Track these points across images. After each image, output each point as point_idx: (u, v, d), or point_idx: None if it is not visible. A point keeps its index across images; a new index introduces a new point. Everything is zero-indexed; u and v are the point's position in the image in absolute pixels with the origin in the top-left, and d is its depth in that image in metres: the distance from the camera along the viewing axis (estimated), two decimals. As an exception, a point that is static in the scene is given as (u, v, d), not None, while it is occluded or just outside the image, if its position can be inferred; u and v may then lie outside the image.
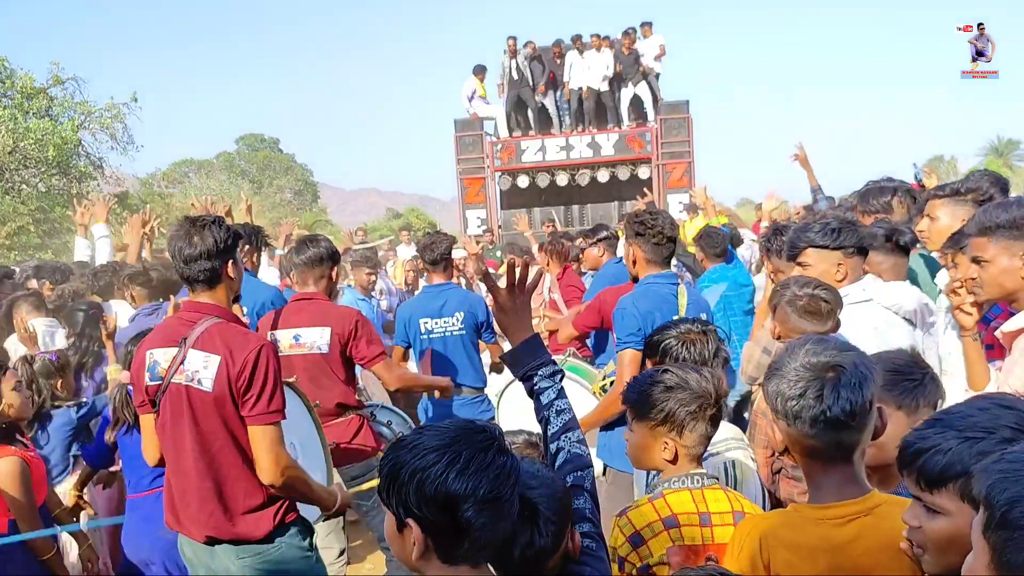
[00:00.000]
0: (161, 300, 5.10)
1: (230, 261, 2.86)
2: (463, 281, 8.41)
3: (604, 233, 6.63)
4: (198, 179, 44.17)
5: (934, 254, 3.88)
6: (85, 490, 4.06)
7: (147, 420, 2.94)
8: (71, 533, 3.77)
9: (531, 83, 16.35)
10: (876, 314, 3.21)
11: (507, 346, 5.44)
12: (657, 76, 16.36)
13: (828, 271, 3.23)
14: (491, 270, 8.31)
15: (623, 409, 2.45)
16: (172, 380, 2.76)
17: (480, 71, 16.85)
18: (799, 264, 3.35)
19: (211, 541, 2.79)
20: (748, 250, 8.01)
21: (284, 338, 4.01)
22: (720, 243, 6.02)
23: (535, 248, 8.92)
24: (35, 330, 4.73)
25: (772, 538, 1.80)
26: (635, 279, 3.82)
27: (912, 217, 4.26)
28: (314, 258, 4.11)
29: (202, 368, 2.71)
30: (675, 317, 3.53)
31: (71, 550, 3.83)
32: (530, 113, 16.66)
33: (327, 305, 4.16)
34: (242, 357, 2.69)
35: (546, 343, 4.78)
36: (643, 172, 16.05)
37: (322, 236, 4.35)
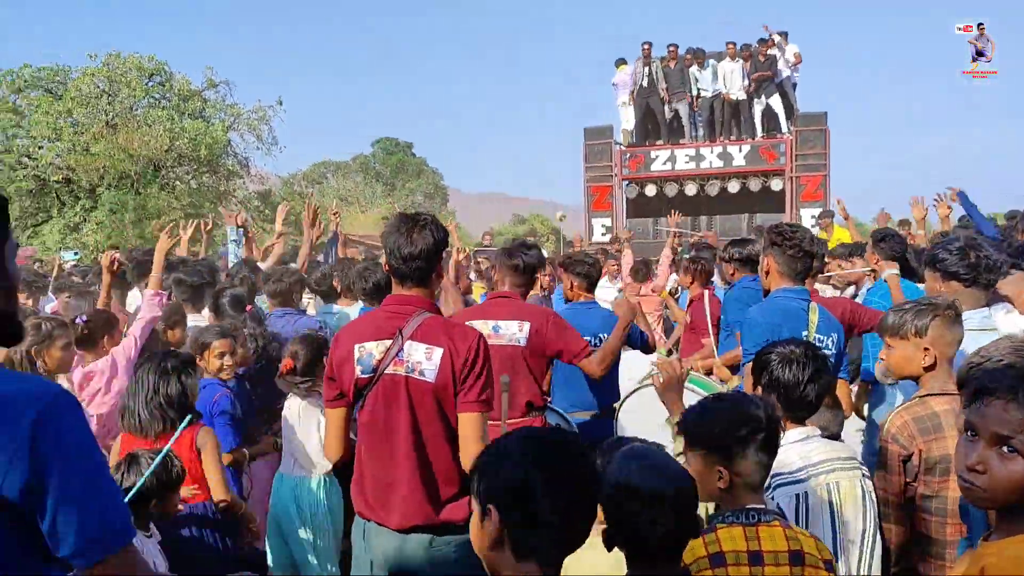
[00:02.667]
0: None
1: (440, 260, 2.94)
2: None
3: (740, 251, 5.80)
4: (335, 180, 45.89)
5: None
6: None
7: (336, 414, 2.98)
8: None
9: (662, 91, 16.24)
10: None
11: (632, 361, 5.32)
12: (794, 86, 15.97)
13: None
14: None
15: None
16: (386, 371, 2.82)
17: (621, 62, 16.74)
18: None
19: (408, 529, 2.80)
20: None
21: (482, 329, 3.95)
22: (897, 247, 5.51)
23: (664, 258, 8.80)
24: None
25: None
26: (767, 292, 3.71)
27: None
28: (520, 268, 4.26)
29: (424, 359, 2.78)
30: (804, 333, 3.44)
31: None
32: (660, 122, 16.56)
33: (524, 303, 4.28)
34: (465, 347, 2.78)
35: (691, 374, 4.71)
36: (775, 184, 15.70)
37: (532, 243, 4.41)
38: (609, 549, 1.97)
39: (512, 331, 4.05)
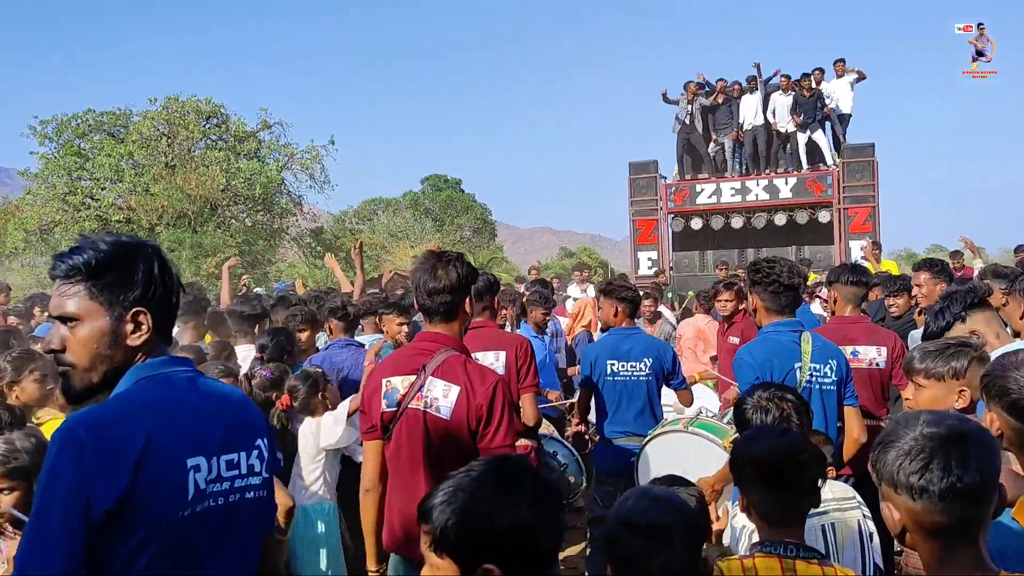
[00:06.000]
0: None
1: (467, 297, 3.00)
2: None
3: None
4: (386, 216, 46.50)
5: None
6: None
7: (372, 446, 3.01)
8: None
9: (701, 130, 16.23)
10: None
11: (698, 391, 5.39)
12: (848, 117, 15.84)
13: None
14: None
15: None
16: (409, 405, 2.89)
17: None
18: None
19: None
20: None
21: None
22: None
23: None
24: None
25: None
26: (759, 328, 3.79)
27: None
28: (478, 290, 4.19)
29: (442, 396, 2.84)
30: (797, 365, 3.53)
31: None
32: (701, 157, 16.57)
33: (498, 331, 4.40)
34: (482, 390, 2.82)
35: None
36: (823, 216, 15.62)
37: (482, 271, 4.47)
38: None
39: (489, 361, 4.15)
